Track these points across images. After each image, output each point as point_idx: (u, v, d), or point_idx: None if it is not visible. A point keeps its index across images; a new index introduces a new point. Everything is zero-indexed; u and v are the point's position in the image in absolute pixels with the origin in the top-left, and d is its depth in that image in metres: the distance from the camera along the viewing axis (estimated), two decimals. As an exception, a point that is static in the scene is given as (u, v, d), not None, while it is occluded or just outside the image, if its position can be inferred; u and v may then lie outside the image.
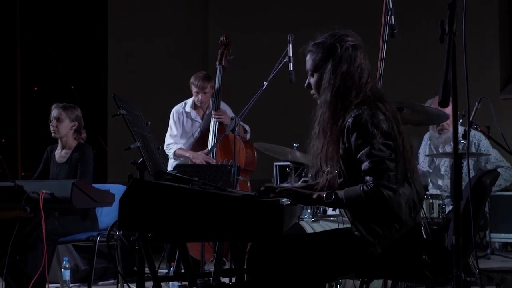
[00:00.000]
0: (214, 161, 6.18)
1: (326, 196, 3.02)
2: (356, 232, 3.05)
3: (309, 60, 3.18)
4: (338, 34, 3.13)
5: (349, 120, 3.00)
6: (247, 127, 6.56)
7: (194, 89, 6.44)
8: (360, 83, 3.07)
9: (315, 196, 3.08)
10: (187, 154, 6.38)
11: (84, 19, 14.44)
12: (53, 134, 5.64)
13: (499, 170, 5.74)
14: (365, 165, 2.95)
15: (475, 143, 5.81)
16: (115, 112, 3.40)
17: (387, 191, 2.90)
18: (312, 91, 3.21)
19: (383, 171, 2.92)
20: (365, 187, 2.92)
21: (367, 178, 2.94)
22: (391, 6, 4.35)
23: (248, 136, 6.57)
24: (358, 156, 2.97)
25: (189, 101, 6.59)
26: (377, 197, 2.90)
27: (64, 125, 5.60)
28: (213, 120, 6.35)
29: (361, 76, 3.08)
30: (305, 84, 3.23)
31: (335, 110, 3.07)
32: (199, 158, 6.22)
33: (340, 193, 3.01)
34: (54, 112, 5.63)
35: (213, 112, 6.38)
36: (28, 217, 4.71)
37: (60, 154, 5.66)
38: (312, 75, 3.18)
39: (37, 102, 14.33)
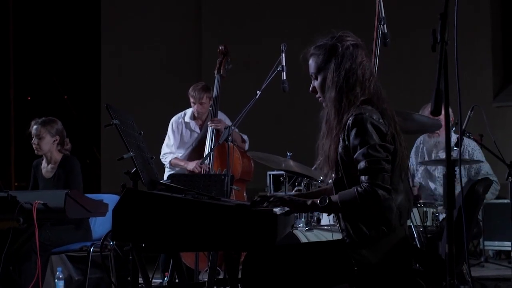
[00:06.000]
0: (208, 168, 6.16)
1: (320, 201, 3.04)
2: (343, 232, 3.07)
3: (312, 63, 3.20)
4: (338, 35, 3.16)
5: (350, 118, 3.02)
6: (245, 137, 6.54)
7: (191, 100, 6.42)
8: (364, 79, 3.10)
9: (309, 202, 3.10)
10: (182, 164, 6.37)
11: (78, 29, 14.44)
12: (36, 152, 5.58)
13: None
14: (361, 164, 2.96)
15: (469, 151, 5.81)
16: (108, 122, 3.40)
17: (381, 190, 2.91)
18: (318, 95, 3.22)
19: (379, 171, 2.93)
20: (359, 188, 2.94)
21: (362, 178, 2.96)
22: (383, 15, 4.37)
23: (246, 146, 6.55)
24: (355, 156, 2.99)
25: (189, 111, 6.57)
26: (372, 197, 2.91)
27: (45, 141, 5.53)
28: (210, 129, 6.32)
29: (364, 72, 3.10)
30: (310, 89, 3.24)
31: (340, 107, 3.08)
32: (192, 164, 6.22)
33: (334, 197, 3.02)
34: (34, 129, 5.55)
35: (209, 120, 6.35)
36: (22, 227, 4.71)
37: (46, 169, 5.62)
38: (316, 78, 3.19)
39: (30, 112, 14.31)
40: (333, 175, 3.16)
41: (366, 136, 2.97)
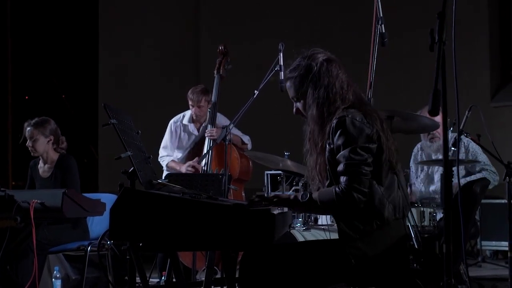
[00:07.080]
0: (201, 167, 6.12)
1: (301, 196, 3.12)
2: (339, 225, 3.10)
3: (290, 87, 3.26)
4: (309, 54, 3.22)
5: (334, 121, 3.07)
6: (245, 139, 6.52)
7: (189, 102, 6.40)
8: (343, 91, 3.16)
9: (292, 197, 3.19)
10: (178, 168, 6.34)
11: (76, 29, 14.41)
12: (32, 153, 5.56)
13: (483, 173, 5.79)
14: (340, 166, 3.03)
15: (464, 142, 5.84)
16: (106, 121, 3.40)
17: (357, 193, 2.97)
18: (303, 115, 3.25)
19: (357, 174, 2.99)
20: (337, 189, 3.01)
21: (341, 179, 3.03)
22: (381, 15, 4.36)
23: (249, 146, 6.53)
24: (337, 156, 3.05)
25: (187, 114, 6.55)
26: (347, 199, 2.98)
27: (40, 143, 5.51)
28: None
29: (341, 84, 3.16)
30: (294, 111, 3.29)
31: (323, 122, 3.14)
32: (184, 168, 6.18)
33: (315, 194, 3.10)
34: (27, 132, 5.52)
35: (207, 128, 6.30)
36: (19, 226, 4.70)
37: (43, 169, 5.60)
38: (298, 100, 3.24)
39: (28, 111, 14.28)
40: (326, 183, 3.19)
41: (348, 137, 3.03)
